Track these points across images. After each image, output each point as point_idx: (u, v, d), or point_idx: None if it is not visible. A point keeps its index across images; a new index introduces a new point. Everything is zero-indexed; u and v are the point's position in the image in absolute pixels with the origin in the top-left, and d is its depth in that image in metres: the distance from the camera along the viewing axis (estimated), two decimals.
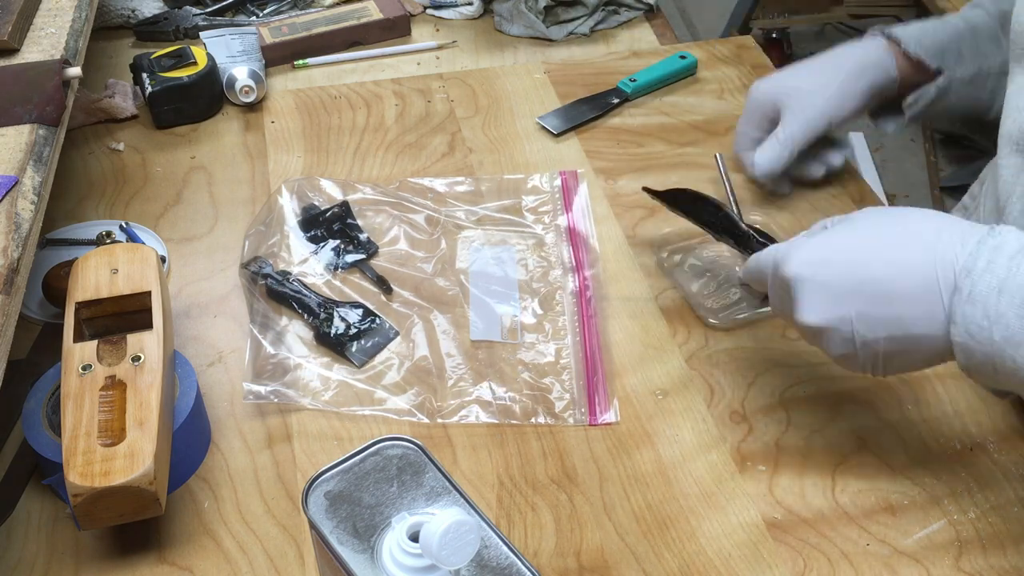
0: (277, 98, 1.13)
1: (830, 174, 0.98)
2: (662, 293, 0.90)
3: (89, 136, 1.07)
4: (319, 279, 0.89)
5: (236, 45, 1.14)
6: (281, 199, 0.95)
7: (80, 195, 1.00)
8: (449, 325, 0.85)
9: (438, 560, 0.47)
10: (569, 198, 0.97)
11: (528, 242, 0.93)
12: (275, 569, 0.69)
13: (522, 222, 0.95)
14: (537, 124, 1.07)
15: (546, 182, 0.99)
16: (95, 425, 0.65)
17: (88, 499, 0.62)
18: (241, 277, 0.88)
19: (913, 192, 2.52)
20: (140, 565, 0.69)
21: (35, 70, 0.82)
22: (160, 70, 1.07)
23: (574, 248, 0.92)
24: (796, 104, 0.91)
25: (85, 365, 0.68)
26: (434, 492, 0.54)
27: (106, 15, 1.22)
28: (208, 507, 0.73)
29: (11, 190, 0.72)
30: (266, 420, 0.79)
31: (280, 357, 0.82)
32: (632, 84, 1.12)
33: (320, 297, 0.86)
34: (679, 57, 1.15)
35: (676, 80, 1.15)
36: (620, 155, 1.05)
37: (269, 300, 0.86)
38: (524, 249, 0.92)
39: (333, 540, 0.52)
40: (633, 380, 0.82)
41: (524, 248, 0.92)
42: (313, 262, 0.90)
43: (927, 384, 0.81)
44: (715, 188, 1.01)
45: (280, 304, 0.86)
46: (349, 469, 0.55)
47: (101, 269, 0.76)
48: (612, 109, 1.10)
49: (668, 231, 0.94)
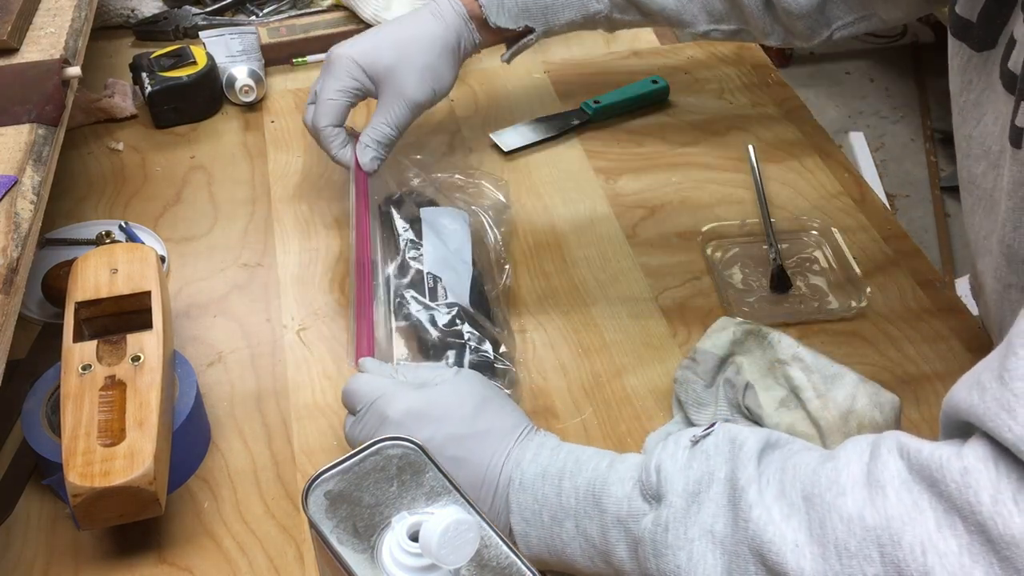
0: (277, 98, 1.13)
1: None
2: (662, 293, 0.90)
3: (88, 136, 1.07)
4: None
5: (236, 45, 1.14)
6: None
7: (79, 195, 1.00)
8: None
9: (438, 559, 0.47)
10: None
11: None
12: (275, 569, 0.69)
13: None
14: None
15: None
16: (95, 425, 0.65)
17: (88, 499, 0.61)
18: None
19: (913, 192, 2.52)
20: (140, 565, 0.69)
21: (35, 70, 0.82)
22: (160, 70, 1.07)
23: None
24: (395, 83, 0.87)
25: (85, 365, 0.68)
26: (434, 492, 0.54)
27: (106, 15, 1.22)
28: (208, 507, 0.73)
29: (11, 190, 0.72)
30: (266, 420, 0.79)
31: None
32: (595, 106, 1.08)
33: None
34: (651, 81, 1.12)
35: (645, 105, 1.11)
36: (620, 155, 1.05)
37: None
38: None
39: (333, 540, 0.52)
40: (633, 380, 0.82)
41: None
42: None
43: (927, 384, 0.81)
44: (717, 186, 1.01)
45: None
46: (349, 469, 0.55)
47: (101, 269, 0.76)
48: (572, 130, 1.07)
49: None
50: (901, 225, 0.98)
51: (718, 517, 0.56)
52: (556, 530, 0.62)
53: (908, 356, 0.84)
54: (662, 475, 0.59)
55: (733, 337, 0.77)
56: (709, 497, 0.56)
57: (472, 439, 0.65)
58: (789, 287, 0.88)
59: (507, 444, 0.65)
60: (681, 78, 1.16)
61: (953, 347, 0.85)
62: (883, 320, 0.87)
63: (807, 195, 1.00)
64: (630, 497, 0.60)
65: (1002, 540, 0.46)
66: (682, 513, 0.57)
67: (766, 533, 0.53)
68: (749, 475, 0.55)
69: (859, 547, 0.50)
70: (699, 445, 0.59)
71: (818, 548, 0.51)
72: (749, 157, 1.02)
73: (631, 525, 0.59)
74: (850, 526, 0.51)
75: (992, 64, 0.65)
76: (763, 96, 1.15)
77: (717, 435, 0.59)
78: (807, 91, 2.75)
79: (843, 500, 0.52)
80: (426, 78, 0.88)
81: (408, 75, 0.87)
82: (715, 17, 0.90)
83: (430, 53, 0.88)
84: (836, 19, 0.88)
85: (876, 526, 0.50)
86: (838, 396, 0.72)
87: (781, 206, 0.98)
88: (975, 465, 0.48)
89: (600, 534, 0.60)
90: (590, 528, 0.61)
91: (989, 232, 0.66)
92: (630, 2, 0.90)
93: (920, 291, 0.90)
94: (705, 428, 0.60)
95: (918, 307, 0.88)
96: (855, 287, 0.88)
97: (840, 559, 0.50)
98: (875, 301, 0.88)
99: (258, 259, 0.93)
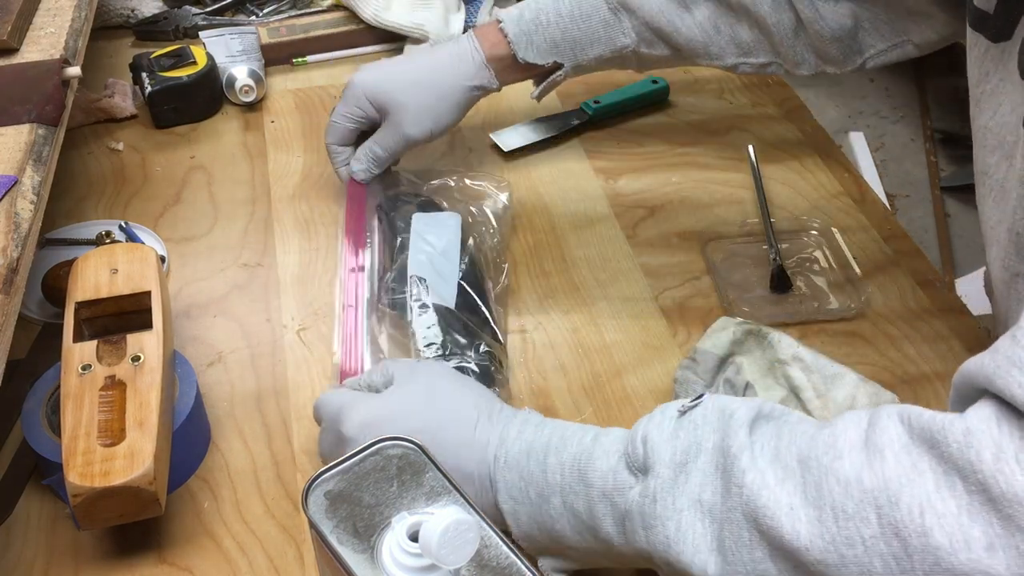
0: (277, 98, 1.13)
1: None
2: (662, 293, 0.90)
3: (88, 136, 1.07)
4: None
5: (235, 45, 1.14)
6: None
7: (79, 195, 1.00)
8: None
9: (438, 559, 0.47)
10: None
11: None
12: (275, 569, 0.69)
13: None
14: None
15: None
16: (95, 425, 0.65)
17: (88, 499, 0.61)
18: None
19: (913, 192, 2.52)
20: (140, 565, 0.69)
21: (35, 70, 0.82)
22: (160, 70, 1.07)
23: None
24: (396, 117, 0.91)
25: (85, 365, 0.68)
26: (434, 492, 0.54)
27: (106, 15, 1.22)
28: (208, 507, 0.73)
29: (11, 190, 0.72)
30: (266, 420, 0.79)
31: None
32: (595, 106, 1.08)
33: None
34: (651, 81, 1.12)
35: (646, 104, 1.11)
36: (620, 155, 1.05)
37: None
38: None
39: (333, 540, 0.52)
40: (633, 380, 0.82)
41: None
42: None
43: (927, 384, 0.81)
44: (717, 186, 1.01)
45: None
46: (349, 469, 0.55)
47: (101, 269, 0.76)
48: (572, 130, 1.08)
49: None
50: (901, 225, 0.98)
51: (706, 486, 0.55)
52: (544, 507, 0.62)
53: (908, 356, 0.84)
54: (648, 446, 0.58)
55: (733, 337, 0.77)
56: (697, 467, 0.56)
57: (435, 430, 0.65)
58: (789, 287, 0.88)
59: (473, 425, 0.66)
60: (681, 78, 1.16)
61: (953, 347, 0.85)
62: (883, 320, 0.87)
63: (807, 195, 1.00)
64: (615, 470, 0.59)
65: (1004, 498, 0.46)
66: (670, 483, 0.56)
67: (760, 498, 0.52)
68: (741, 442, 0.55)
69: (856, 509, 0.50)
70: (687, 415, 0.59)
71: (814, 511, 0.51)
72: (749, 157, 1.02)
73: (617, 498, 0.59)
74: (847, 488, 0.51)
75: (1009, 55, 0.65)
76: (763, 96, 1.15)
77: (705, 405, 0.59)
78: (807, 91, 2.74)
79: (840, 463, 0.51)
80: (425, 119, 0.91)
81: (408, 113, 0.91)
82: (743, 49, 0.89)
83: (435, 96, 0.91)
84: (868, 47, 0.87)
85: (874, 488, 0.50)
86: (838, 396, 0.72)
87: (781, 206, 0.98)
88: (978, 425, 0.48)
89: (587, 509, 0.60)
90: (577, 503, 0.61)
91: (998, 221, 0.67)
92: (656, 36, 0.89)
93: (920, 291, 0.90)
94: (693, 399, 0.60)
95: (918, 307, 0.88)
96: (855, 287, 0.88)
97: (837, 521, 0.50)
98: (875, 301, 0.88)
99: (258, 259, 0.93)
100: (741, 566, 0.53)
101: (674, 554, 0.55)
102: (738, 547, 0.53)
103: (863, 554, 0.49)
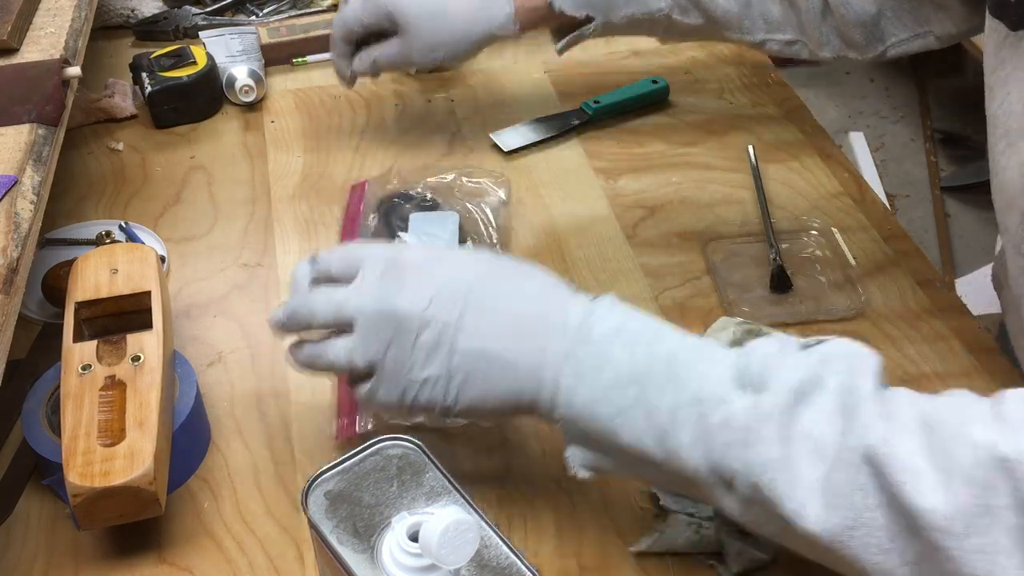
0: (277, 98, 1.13)
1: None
2: (662, 293, 0.90)
3: (88, 136, 1.07)
4: None
5: (236, 45, 1.14)
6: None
7: (79, 195, 1.00)
8: None
9: (438, 559, 0.47)
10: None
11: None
12: (275, 569, 0.69)
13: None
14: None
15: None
16: (95, 425, 0.65)
17: (88, 499, 0.61)
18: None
19: (913, 192, 2.52)
20: (140, 565, 0.69)
21: (34, 70, 0.82)
22: (160, 70, 1.07)
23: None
24: (407, 39, 0.93)
25: (85, 365, 0.68)
26: (434, 492, 0.54)
27: (106, 15, 1.22)
28: (208, 507, 0.73)
29: (10, 190, 0.72)
30: (266, 420, 0.79)
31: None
32: (595, 106, 1.08)
33: None
34: (651, 81, 1.11)
35: (645, 105, 1.11)
36: (620, 155, 1.05)
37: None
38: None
39: (333, 540, 0.52)
40: None
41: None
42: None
43: (927, 384, 0.81)
44: (717, 186, 1.01)
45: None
46: (349, 469, 0.55)
47: (101, 269, 0.76)
48: (572, 130, 1.07)
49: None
50: (901, 225, 0.98)
51: (822, 423, 0.53)
52: (613, 394, 0.58)
53: (908, 356, 0.84)
54: (769, 366, 0.55)
55: (733, 337, 0.77)
56: (816, 401, 0.54)
57: (515, 278, 0.63)
58: (789, 287, 0.88)
59: (556, 283, 0.63)
60: (681, 78, 1.16)
61: (953, 347, 0.84)
62: (883, 320, 0.87)
63: (807, 195, 1.00)
64: (720, 378, 0.56)
65: None
66: (786, 408, 0.54)
67: (886, 445, 0.50)
68: (869, 388, 0.53)
69: (987, 478, 0.48)
70: (812, 349, 0.57)
71: (942, 475, 0.49)
72: (749, 157, 1.02)
73: (710, 407, 0.55)
74: (977, 454, 0.49)
75: None
76: (763, 96, 1.15)
77: (835, 343, 0.57)
78: (807, 91, 2.75)
79: (970, 429, 0.50)
80: (436, 51, 0.93)
81: (421, 41, 0.93)
82: (772, 26, 0.90)
83: (453, 33, 0.93)
84: (891, 35, 0.88)
85: (1006, 457, 0.48)
86: None
87: (781, 206, 0.98)
88: None
89: (670, 410, 0.56)
90: (659, 401, 0.56)
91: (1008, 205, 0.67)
92: (692, 3, 0.90)
93: (920, 291, 0.90)
94: (817, 338, 0.57)
95: (918, 307, 0.88)
96: (855, 287, 0.88)
97: (966, 487, 0.48)
98: (875, 301, 0.88)
99: (258, 259, 0.93)
100: (844, 510, 0.51)
101: (767, 479, 0.53)
102: (850, 490, 0.51)
103: (990, 525, 0.48)
